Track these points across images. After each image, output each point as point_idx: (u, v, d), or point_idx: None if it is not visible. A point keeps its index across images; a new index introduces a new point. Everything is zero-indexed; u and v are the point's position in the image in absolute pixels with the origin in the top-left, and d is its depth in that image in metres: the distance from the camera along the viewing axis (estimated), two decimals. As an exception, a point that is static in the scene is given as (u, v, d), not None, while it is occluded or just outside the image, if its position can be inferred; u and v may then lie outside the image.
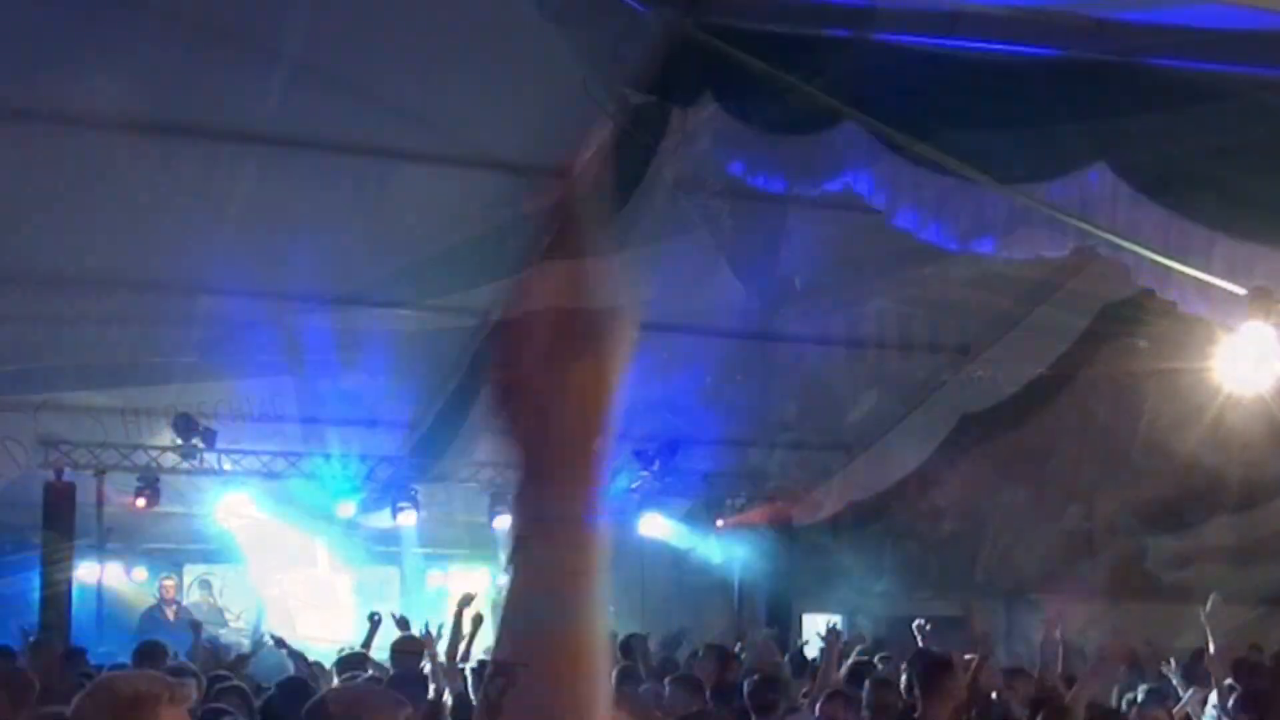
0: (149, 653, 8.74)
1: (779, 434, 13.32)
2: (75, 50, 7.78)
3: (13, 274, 9.95)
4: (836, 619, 14.88)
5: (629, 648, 9.99)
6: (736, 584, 15.10)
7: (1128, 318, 9.72)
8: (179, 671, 5.58)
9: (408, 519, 13.78)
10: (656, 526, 14.72)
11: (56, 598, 12.46)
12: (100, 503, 12.91)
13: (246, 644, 12.32)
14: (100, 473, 12.77)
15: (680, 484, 13.86)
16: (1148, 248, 5.79)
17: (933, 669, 6.18)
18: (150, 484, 12.85)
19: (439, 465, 12.95)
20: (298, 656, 9.31)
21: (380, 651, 9.32)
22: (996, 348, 11.82)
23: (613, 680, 1.20)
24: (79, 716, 2.83)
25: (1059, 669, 7.30)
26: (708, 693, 7.50)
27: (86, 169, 8.75)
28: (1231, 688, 6.86)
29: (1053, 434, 11.80)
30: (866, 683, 7.10)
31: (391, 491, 13.54)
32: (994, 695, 7.46)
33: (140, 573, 15.03)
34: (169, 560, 15.11)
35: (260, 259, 10.00)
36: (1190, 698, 7.69)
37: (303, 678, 7.44)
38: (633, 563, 14.65)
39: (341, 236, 9.81)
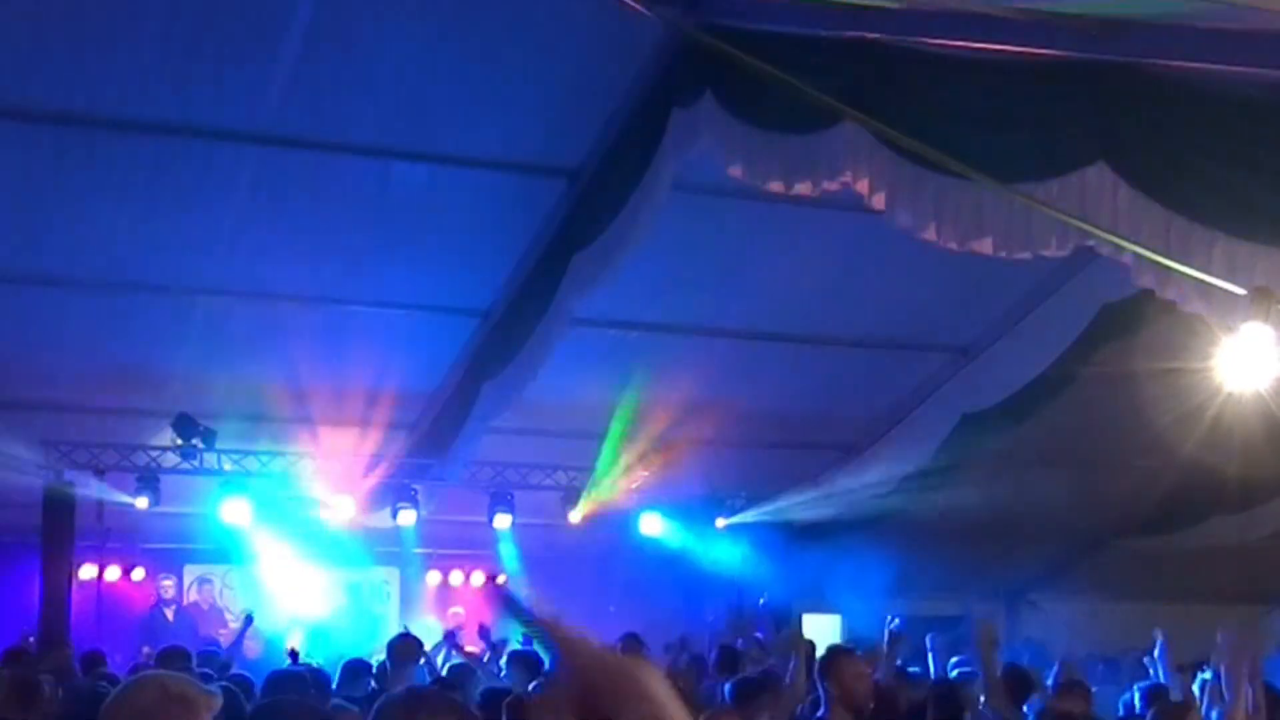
0: (174, 658, 8.77)
1: (779, 434, 13.32)
2: (75, 50, 7.79)
3: (13, 274, 9.95)
4: (834, 618, 14.97)
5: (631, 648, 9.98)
6: (737, 584, 15.09)
7: (1128, 318, 9.72)
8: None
9: (407, 519, 13.77)
10: (656, 526, 14.71)
11: (56, 598, 12.45)
12: (100, 503, 12.91)
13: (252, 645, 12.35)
14: (100, 473, 12.77)
15: (680, 484, 13.85)
16: (1148, 248, 5.77)
17: (831, 655, 6.19)
18: (150, 484, 12.85)
19: (439, 465, 12.94)
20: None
21: None
22: (996, 348, 11.82)
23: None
24: (125, 707, 2.92)
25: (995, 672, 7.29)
26: None
27: (88, 169, 8.74)
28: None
29: (1052, 434, 11.79)
30: None
31: (391, 491, 13.53)
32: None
33: (140, 573, 15.03)
34: (169, 560, 15.11)
35: (260, 259, 10.00)
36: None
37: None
38: (633, 563, 14.66)
39: (341, 237, 9.82)
